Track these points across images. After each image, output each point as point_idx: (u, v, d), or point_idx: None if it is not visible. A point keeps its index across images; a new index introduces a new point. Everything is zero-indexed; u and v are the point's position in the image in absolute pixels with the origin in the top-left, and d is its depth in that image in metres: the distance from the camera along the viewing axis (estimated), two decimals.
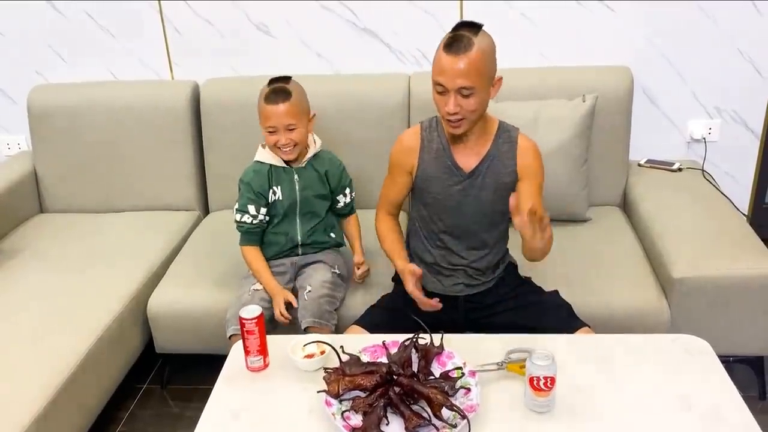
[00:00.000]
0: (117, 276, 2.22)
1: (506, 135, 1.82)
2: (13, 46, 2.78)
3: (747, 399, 1.42)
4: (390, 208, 1.97)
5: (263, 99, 1.97)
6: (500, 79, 1.71)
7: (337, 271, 2.08)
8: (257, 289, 2.01)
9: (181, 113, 2.59)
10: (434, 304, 1.78)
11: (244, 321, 1.55)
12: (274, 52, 2.69)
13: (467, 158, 1.81)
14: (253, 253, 2.05)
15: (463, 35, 1.62)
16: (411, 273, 1.77)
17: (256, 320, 1.55)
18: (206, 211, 2.73)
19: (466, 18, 2.54)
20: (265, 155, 2.04)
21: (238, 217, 2.03)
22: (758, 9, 2.48)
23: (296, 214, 2.06)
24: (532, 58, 2.61)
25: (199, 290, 2.17)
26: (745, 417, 1.37)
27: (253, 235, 2.05)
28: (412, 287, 1.78)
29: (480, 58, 1.62)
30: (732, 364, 2.15)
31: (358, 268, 2.09)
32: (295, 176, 2.04)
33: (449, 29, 1.67)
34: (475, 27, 1.65)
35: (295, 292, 2.06)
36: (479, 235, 1.86)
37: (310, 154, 2.06)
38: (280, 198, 2.03)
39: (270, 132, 1.97)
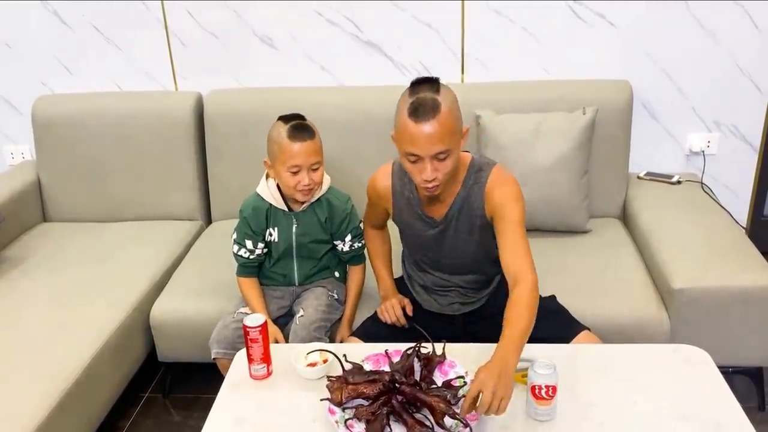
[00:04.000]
0: (120, 285, 2.23)
1: (477, 175, 1.71)
2: (20, 57, 2.81)
3: (746, 410, 1.43)
4: (375, 225, 2.00)
5: (287, 137, 1.83)
6: (467, 129, 1.65)
7: (335, 296, 2.04)
8: (243, 312, 1.97)
9: (185, 124, 2.61)
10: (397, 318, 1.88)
11: (248, 329, 1.56)
12: (278, 64, 2.71)
13: (437, 207, 1.75)
14: (248, 285, 2.01)
15: (426, 97, 1.52)
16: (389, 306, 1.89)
17: (259, 328, 1.56)
18: (209, 220, 2.75)
19: (468, 31, 2.58)
20: (266, 191, 1.96)
21: (235, 249, 2.00)
22: (757, 25, 2.51)
23: (293, 257, 2.02)
24: (534, 72, 2.64)
25: (202, 299, 2.17)
26: (744, 428, 1.38)
27: (249, 268, 2.02)
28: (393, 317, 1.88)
29: (449, 117, 1.52)
30: (731, 375, 2.16)
31: (341, 341, 1.97)
32: (294, 221, 1.97)
33: (451, 44, 1.65)
34: (433, 83, 1.56)
35: (292, 314, 2.04)
36: (463, 266, 1.84)
37: (313, 198, 1.96)
38: (276, 240, 1.98)
39: (293, 172, 1.85)
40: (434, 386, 1.46)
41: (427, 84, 1.55)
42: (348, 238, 2.01)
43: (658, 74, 2.61)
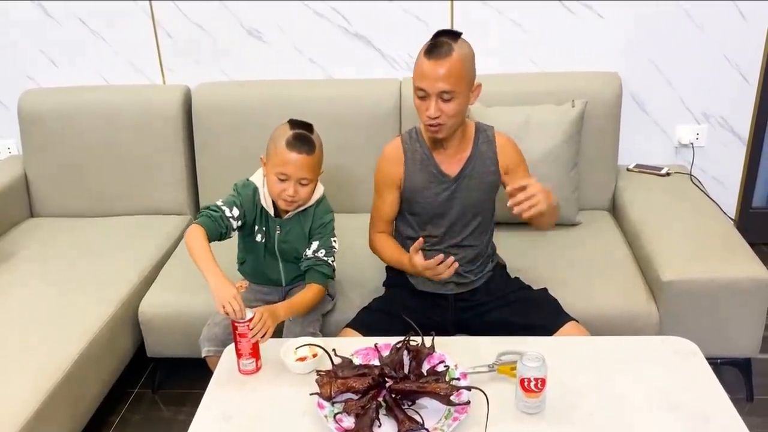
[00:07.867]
0: (108, 280, 2.22)
1: (484, 135, 1.88)
2: (5, 50, 2.78)
3: (734, 401, 1.44)
4: (382, 226, 1.95)
5: (285, 143, 1.77)
6: (479, 85, 1.76)
7: (326, 291, 2.01)
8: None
9: (173, 117, 2.59)
10: (449, 263, 1.69)
11: (236, 324, 1.55)
12: (266, 57, 2.70)
13: (451, 164, 1.85)
14: (197, 233, 1.76)
15: (443, 42, 1.67)
16: (414, 250, 1.73)
17: (248, 323, 1.55)
18: (197, 215, 2.73)
19: (457, 24, 2.58)
20: (262, 191, 1.89)
21: (215, 202, 1.87)
22: (744, 16, 2.51)
23: (278, 260, 1.97)
24: (522, 64, 2.63)
25: (191, 294, 2.16)
26: (732, 418, 1.39)
27: (208, 218, 1.81)
28: (420, 263, 1.72)
29: (460, 63, 1.67)
30: (720, 366, 2.18)
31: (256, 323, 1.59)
32: (277, 227, 1.91)
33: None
34: (454, 35, 1.70)
35: None
36: (464, 235, 1.89)
37: (301, 208, 1.89)
38: (260, 240, 1.93)
39: (280, 179, 1.79)
40: (424, 378, 1.45)
41: (449, 34, 1.70)
42: (315, 244, 1.90)
43: (646, 66, 2.61)
